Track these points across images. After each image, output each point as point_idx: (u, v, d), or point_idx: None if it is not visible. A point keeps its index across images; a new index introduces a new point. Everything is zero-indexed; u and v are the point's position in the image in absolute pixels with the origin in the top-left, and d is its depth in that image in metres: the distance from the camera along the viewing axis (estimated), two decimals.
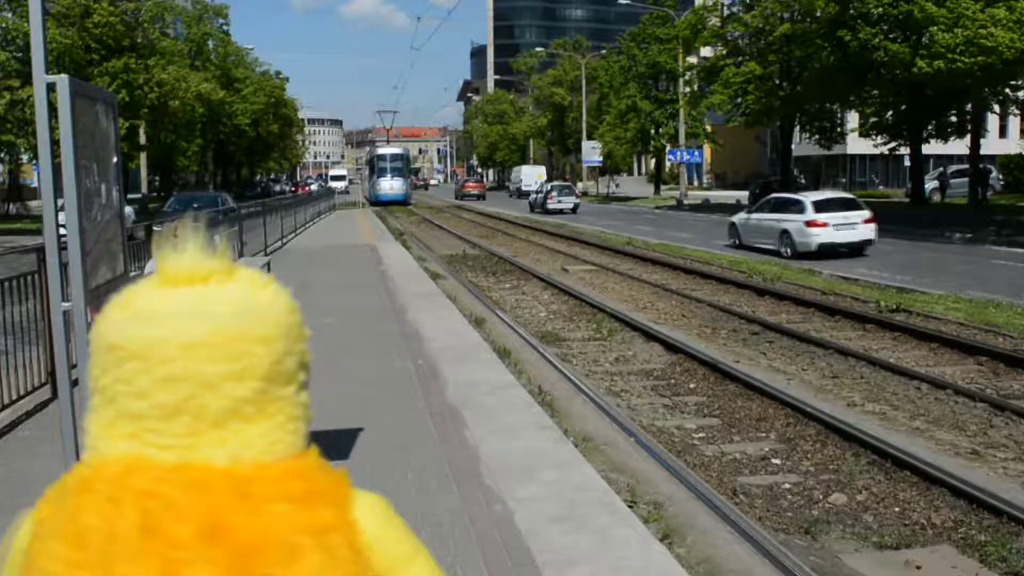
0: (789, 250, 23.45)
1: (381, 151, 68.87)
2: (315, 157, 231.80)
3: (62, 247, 4.10)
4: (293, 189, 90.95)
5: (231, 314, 1.11)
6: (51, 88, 3.95)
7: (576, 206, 50.71)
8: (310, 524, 1.10)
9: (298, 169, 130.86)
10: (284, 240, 26.82)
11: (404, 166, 67.34)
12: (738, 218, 27.55)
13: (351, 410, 7.76)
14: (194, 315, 1.10)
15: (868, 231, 23.28)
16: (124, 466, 1.10)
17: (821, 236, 22.81)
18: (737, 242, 26.75)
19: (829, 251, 22.58)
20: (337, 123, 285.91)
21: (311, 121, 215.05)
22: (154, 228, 14.53)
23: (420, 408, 7.76)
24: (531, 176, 77.99)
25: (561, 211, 48.97)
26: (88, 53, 43.53)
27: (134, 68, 43.09)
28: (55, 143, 3.87)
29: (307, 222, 35.33)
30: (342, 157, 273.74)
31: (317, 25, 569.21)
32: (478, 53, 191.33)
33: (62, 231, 4.05)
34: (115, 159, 4.68)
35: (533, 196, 56.23)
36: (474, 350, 10.37)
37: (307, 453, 1.17)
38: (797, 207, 24.11)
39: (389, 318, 12.69)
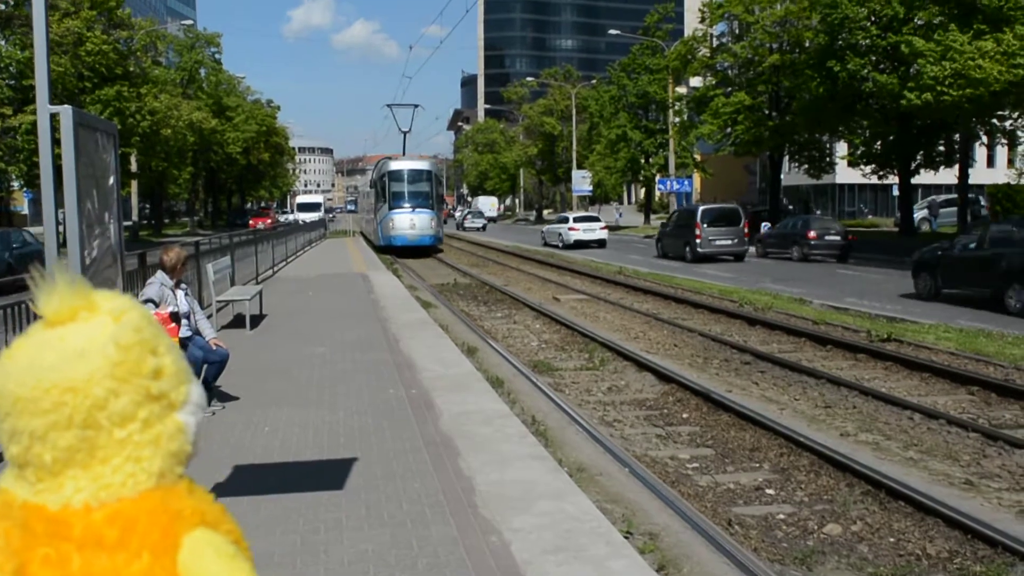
0: (561, 244, 44.38)
1: (396, 165, 41.85)
2: (305, 185, 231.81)
3: None
4: (255, 222, 61.24)
5: (52, 365, 1.15)
6: (54, 117, 3.97)
7: (484, 226, 75.32)
8: (114, 571, 1.14)
9: (288, 196, 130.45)
10: (275, 268, 26.81)
11: (432, 189, 41.40)
12: (544, 228, 51.71)
13: (345, 439, 7.75)
14: (25, 368, 1.15)
15: (603, 233, 44.56)
16: None
17: (574, 236, 43.82)
18: (544, 242, 47.45)
19: (581, 245, 43.35)
20: (327, 151, 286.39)
21: (301, 149, 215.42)
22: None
23: (414, 437, 7.74)
24: (487, 204, 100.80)
25: (476, 229, 73.10)
26: (81, 81, 43.63)
27: (126, 96, 43.19)
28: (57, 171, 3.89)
29: (298, 250, 35.34)
30: (332, 185, 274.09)
31: (308, 54, 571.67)
32: (469, 82, 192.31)
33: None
34: (114, 188, 4.68)
35: (458, 219, 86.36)
36: (467, 379, 10.36)
37: (155, 493, 1.21)
38: (565, 221, 46.25)
39: (381, 347, 12.67)
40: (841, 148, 55.33)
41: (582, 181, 73.65)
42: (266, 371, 10.99)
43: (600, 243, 43.94)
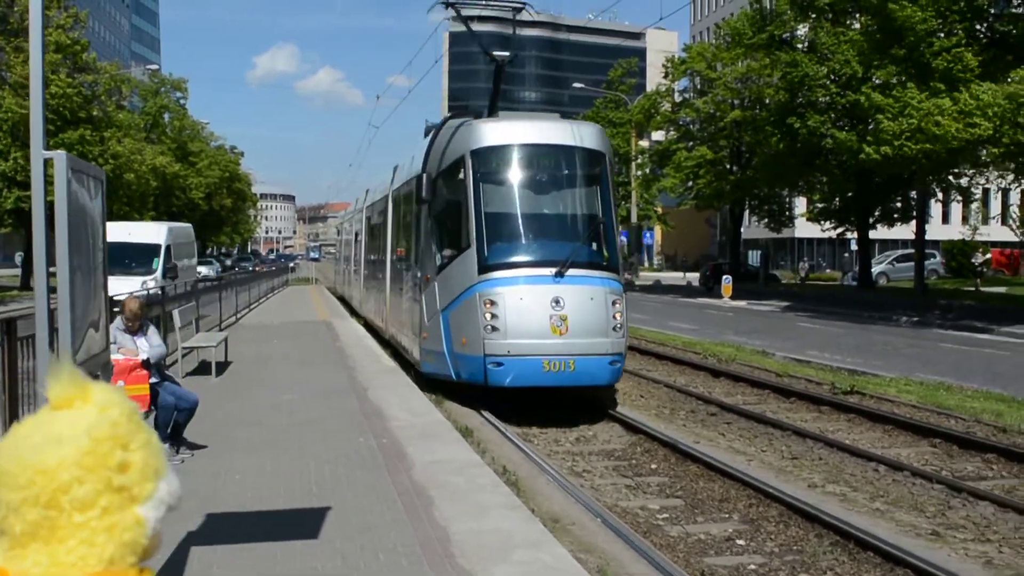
0: None
1: (505, 134, 13.70)
2: (267, 232, 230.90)
3: (53, 328, 4.10)
4: None
5: (34, 446, 1.27)
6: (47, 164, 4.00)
7: None
8: None
9: (249, 243, 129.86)
10: (238, 315, 26.63)
11: (602, 206, 13.87)
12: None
13: (317, 488, 7.71)
14: (15, 444, 1.28)
15: None
16: None
17: None
18: None
19: None
20: (290, 198, 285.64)
21: (263, 196, 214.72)
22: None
23: (387, 487, 7.72)
24: None
25: None
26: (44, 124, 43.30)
27: (89, 140, 42.92)
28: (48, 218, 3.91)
29: (261, 297, 35.12)
30: (293, 232, 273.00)
31: (272, 100, 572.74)
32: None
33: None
34: (100, 235, 4.70)
35: None
36: (437, 428, 10.35)
37: None
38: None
39: (349, 395, 12.63)
40: (801, 203, 56.26)
41: None
42: (234, 419, 10.90)
43: None
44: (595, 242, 13.55)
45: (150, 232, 28.65)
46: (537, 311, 12.20)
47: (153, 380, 8.66)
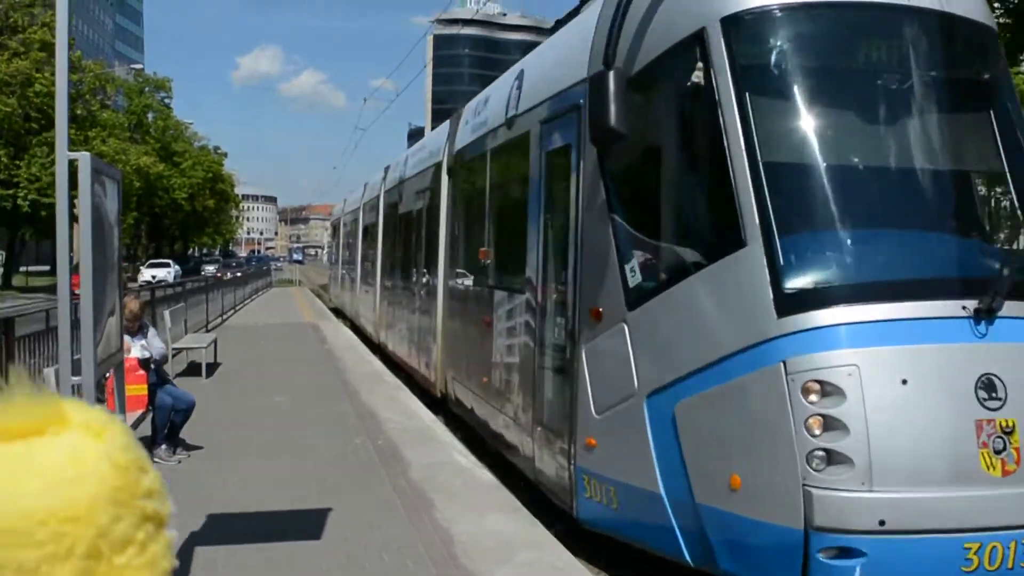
0: None
1: None
2: (248, 233, 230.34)
3: (74, 323, 4.13)
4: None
5: (42, 492, 1.02)
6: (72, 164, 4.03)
7: None
8: None
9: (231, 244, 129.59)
10: (224, 317, 26.59)
11: (1011, 122, 6.14)
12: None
13: (316, 489, 7.75)
14: (3, 496, 1.01)
15: None
16: None
17: None
18: None
19: None
20: (271, 200, 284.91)
21: (245, 197, 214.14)
22: None
23: (386, 488, 7.77)
24: None
25: None
26: (27, 122, 43.15)
27: (74, 139, 42.53)
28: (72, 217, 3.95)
29: (246, 299, 35.06)
30: (275, 234, 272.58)
31: (256, 101, 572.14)
32: (415, 134, 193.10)
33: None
34: (117, 235, 4.73)
35: None
36: (431, 430, 10.41)
37: None
38: None
39: (341, 397, 12.65)
40: None
41: None
42: (227, 420, 10.92)
43: None
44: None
45: None
46: (943, 415, 5.06)
47: (152, 381, 8.68)
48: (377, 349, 18.46)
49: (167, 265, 56.79)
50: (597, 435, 6.34)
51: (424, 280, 13.75)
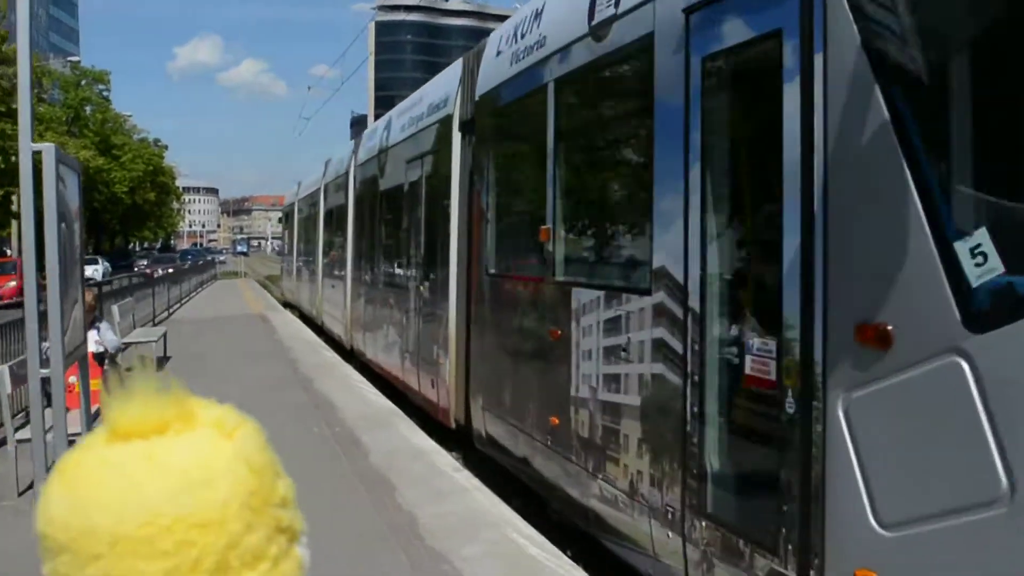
0: None
1: None
2: (191, 226, 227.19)
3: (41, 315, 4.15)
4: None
5: (169, 495, 0.92)
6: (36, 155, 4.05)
7: None
8: None
9: (172, 238, 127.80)
10: (171, 310, 26.34)
11: None
12: None
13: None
14: (125, 499, 0.91)
15: None
16: None
17: None
18: None
19: None
20: (213, 191, 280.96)
21: (186, 189, 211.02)
22: None
23: (347, 474, 7.85)
24: None
25: None
26: None
27: (10, 135, 41.96)
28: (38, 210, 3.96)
29: (191, 292, 34.71)
30: (217, 226, 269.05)
31: (195, 92, 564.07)
32: (358, 122, 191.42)
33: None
34: (79, 228, 4.75)
35: None
36: (389, 417, 10.49)
37: None
38: None
39: (295, 387, 12.66)
40: None
41: None
42: None
43: None
44: None
45: None
46: None
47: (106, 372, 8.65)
48: (351, 356, 16.16)
49: (94, 262, 52.06)
50: (885, 570, 3.40)
51: (424, 271, 10.99)
